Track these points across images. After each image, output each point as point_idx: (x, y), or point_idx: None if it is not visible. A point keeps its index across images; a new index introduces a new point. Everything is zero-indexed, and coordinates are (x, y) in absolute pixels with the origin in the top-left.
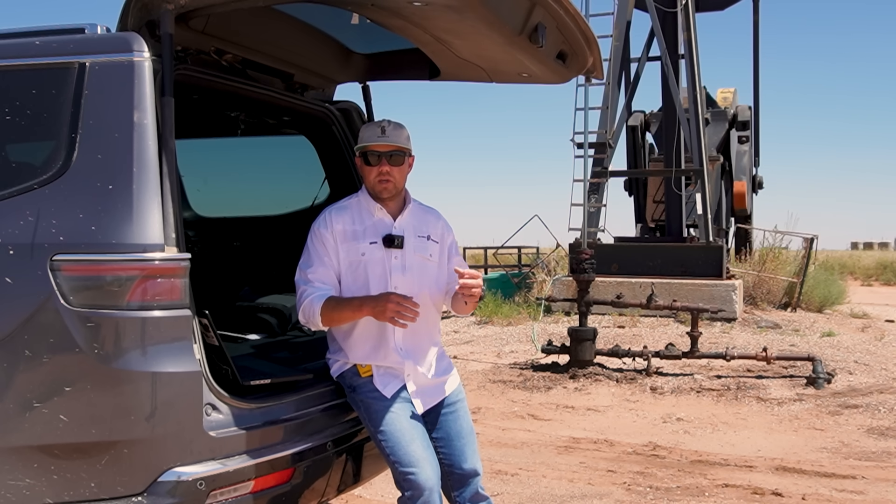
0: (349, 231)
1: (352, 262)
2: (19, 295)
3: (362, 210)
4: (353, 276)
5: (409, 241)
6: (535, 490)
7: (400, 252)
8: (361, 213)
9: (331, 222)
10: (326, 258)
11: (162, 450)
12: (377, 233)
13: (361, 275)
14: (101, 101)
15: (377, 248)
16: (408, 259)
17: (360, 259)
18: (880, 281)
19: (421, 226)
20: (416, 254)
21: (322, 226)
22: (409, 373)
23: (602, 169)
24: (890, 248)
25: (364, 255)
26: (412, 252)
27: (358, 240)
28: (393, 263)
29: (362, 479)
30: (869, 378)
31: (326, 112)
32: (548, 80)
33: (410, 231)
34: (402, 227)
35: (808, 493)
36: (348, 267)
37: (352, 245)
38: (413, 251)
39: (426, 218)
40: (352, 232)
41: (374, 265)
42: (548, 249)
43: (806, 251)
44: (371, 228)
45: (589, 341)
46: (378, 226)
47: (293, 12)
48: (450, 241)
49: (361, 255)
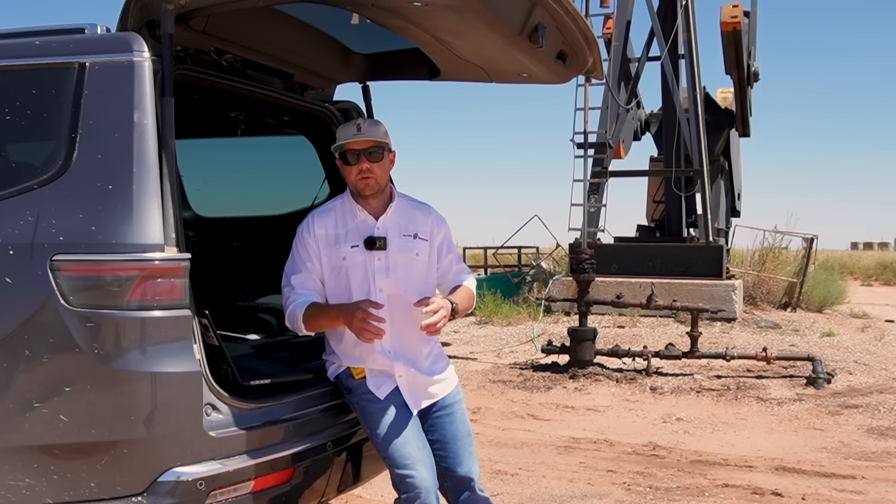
0: (331, 235)
1: (334, 267)
2: (19, 295)
3: (346, 212)
4: (336, 281)
5: (394, 241)
6: (535, 490)
7: (383, 253)
8: (345, 215)
9: (313, 227)
10: (309, 263)
11: (162, 450)
12: (360, 235)
13: (344, 279)
14: (101, 101)
15: (359, 251)
16: (391, 260)
17: (342, 263)
18: (880, 281)
19: (407, 224)
20: (401, 254)
21: (305, 230)
22: (400, 374)
23: (602, 169)
24: (890, 248)
25: (345, 259)
26: (396, 252)
27: (340, 244)
28: (376, 265)
29: (362, 479)
30: (869, 378)
31: (326, 112)
32: (548, 80)
33: (395, 230)
34: (386, 227)
35: (808, 493)
36: (331, 271)
37: (333, 249)
38: (397, 251)
39: (414, 215)
40: (334, 236)
41: (355, 269)
42: (548, 249)
43: (806, 251)
44: (354, 231)
45: (589, 341)
46: (361, 227)
47: (293, 12)
48: (441, 236)
49: (343, 260)
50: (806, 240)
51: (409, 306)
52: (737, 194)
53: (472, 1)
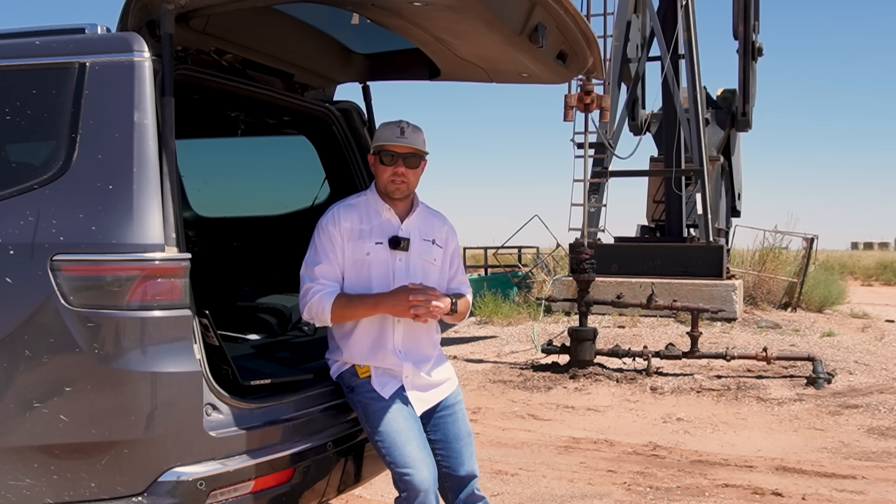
0: (356, 229)
1: (356, 261)
2: (19, 295)
3: (370, 209)
4: (356, 275)
5: (415, 245)
6: (535, 490)
7: (405, 254)
8: (369, 212)
9: (339, 219)
10: (332, 255)
11: (162, 450)
12: (384, 233)
13: (365, 274)
14: (102, 101)
15: (382, 248)
16: (412, 262)
17: (365, 258)
18: (880, 281)
19: (427, 229)
20: (420, 257)
21: (330, 222)
22: (407, 374)
23: (602, 169)
24: (890, 248)
25: (369, 254)
26: (416, 255)
27: (364, 239)
28: (397, 265)
29: (362, 479)
30: (869, 378)
31: (326, 112)
32: (548, 80)
33: (416, 234)
34: (409, 230)
35: (808, 493)
36: (352, 265)
37: (357, 244)
38: (417, 254)
39: (432, 222)
40: (358, 231)
41: (378, 265)
42: (548, 249)
43: (806, 251)
44: (378, 228)
45: (589, 341)
46: (385, 226)
47: (293, 12)
48: (453, 246)
49: (366, 255)
50: (806, 240)
51: None
52: (737, 194)
53: (472, 1)
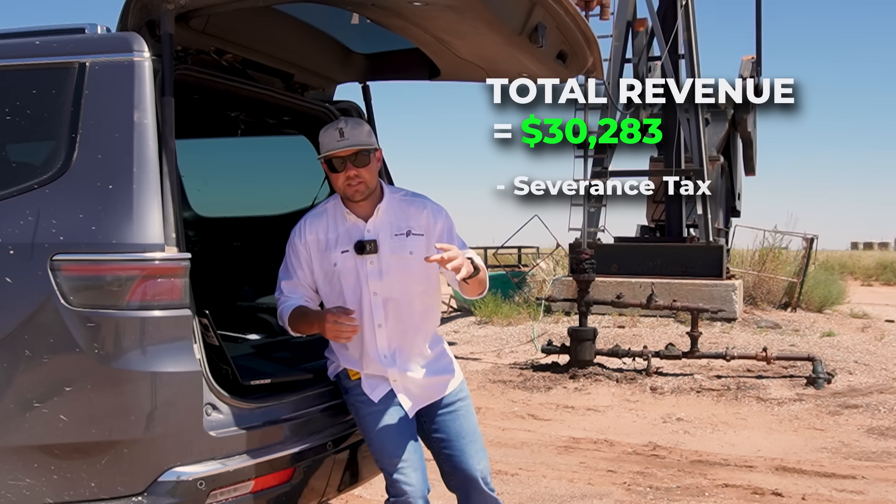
0: (322, 240)
1: (326, 273)
2: (19, 295)
3: (337, 215)
4: (329, 286)
5: (385, 243)
6: (535, 490)
7: (375, 257)
8: (336, 218)
9: (304, 233)
10: (299, 271)
11: (162, 450)
12: (349, 240)
13: (336, 284)
14: (101, 101)
15: (349, 256)
16: (384, 262)
17: (333, 269)
18: (880, 281)
19: (399, 222)
20: (393, 255)
21: (297, 236)
22: (394, 378)
23: (602, 169)
24: (890, 248)
25: (336, 265)
26: (388, 254)
27: (330, 249)
28: (369, 269)
29: (362, 479)
30: (869, 378)
31: (326, 112)
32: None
33: (386, 231)
34: (377, 229)
35: (808, 493)
36: (324, 277)
37: (325, 255)
38: (389, 253)
39: (407, 211)
40: (325, 241)
41: (346, 274)
42: (548, 249)
43: (806, 251)
44: (344, 235)
45: (589, 341)
46: (351, 231)
47: (293, 12)
48: (440, 226)
49: (334, 266)
50: (806, 240)
51: (405, 308)
52: (737, 194)
53: (472, 1)
